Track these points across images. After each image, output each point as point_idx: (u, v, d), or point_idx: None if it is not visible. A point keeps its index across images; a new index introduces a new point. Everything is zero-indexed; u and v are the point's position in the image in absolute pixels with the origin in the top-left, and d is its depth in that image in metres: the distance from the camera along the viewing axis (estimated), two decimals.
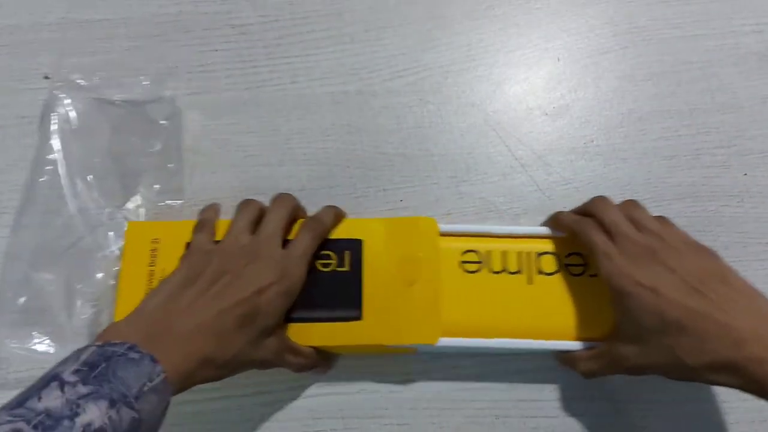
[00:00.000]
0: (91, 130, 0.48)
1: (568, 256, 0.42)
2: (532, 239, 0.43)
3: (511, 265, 0.42)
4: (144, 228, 0.44)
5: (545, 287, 0.42)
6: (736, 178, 0.51)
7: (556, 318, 0.41)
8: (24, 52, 0.53)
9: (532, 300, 0.41)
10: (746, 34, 0.56)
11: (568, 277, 0.42)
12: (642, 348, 0.36)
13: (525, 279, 0.42)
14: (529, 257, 0.43)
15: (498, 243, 0.43)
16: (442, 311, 0.41)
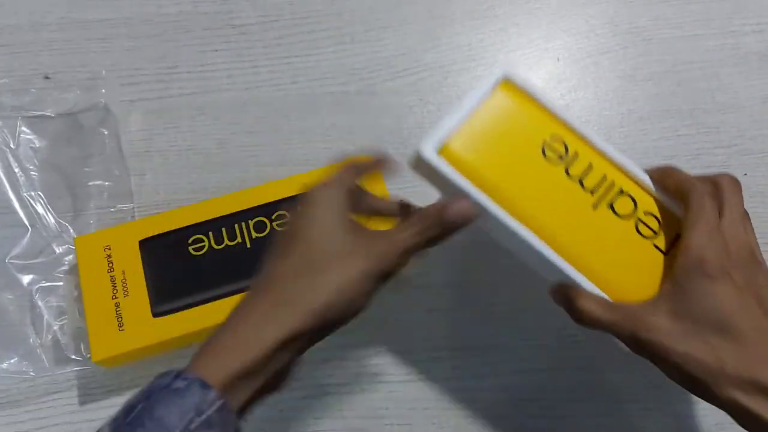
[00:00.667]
0: (30, 147, 0.48)
1: (647, 214, 0.37)
2: (624, 173, 0.38)
3: (589, 180, 0.37)
4: (92, 239, 0.44)
5: (605, 224, 0.37)
6: (737, 179, 0.51)
7: (593, 257, 0.36)
8: (24, 52, 0.53)
9: (583, 225, 0.37)
10: (746, 34, 0.56)
11: (632, 231, 0.37)
12: (684, 332, 0.32)
13: (592, 202, 0.37)
14: (611, 187, 0.38)
15: (590, 151, 0.38)
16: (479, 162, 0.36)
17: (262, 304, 0.30)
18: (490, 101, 0.37)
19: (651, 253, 0.37)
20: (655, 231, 0.37)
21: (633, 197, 0.38)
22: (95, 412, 0.43)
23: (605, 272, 0.36)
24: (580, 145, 0.38)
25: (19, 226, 0.46)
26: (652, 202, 0.38)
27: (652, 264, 0.36)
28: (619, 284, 0.36)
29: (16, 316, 0.44)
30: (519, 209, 0.35)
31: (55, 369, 0.43)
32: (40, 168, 0.48)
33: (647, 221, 0.37)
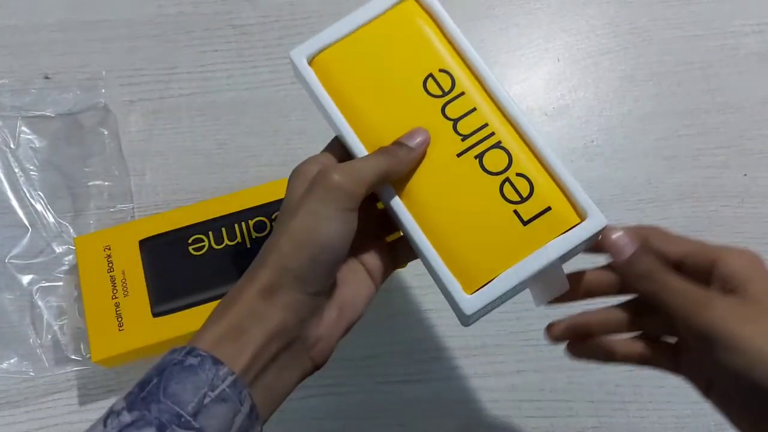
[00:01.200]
0: (30, 147, 0.49)
1: (519, 175, 0.32)
2: (513, 127, 0.33)
3: (465, 125, 0.33)
4: (92, 239, 0.44)
5: (465, 176, 0.32)
6: (736, 179, 0.51)
7: (440, 212, 0.32)
8: (24, 52, 0.53)
9: (439, 171, 0.32)
10: (746, 34, 0.56)
11: (495, 190, 0.32)
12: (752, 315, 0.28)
13: (458, 149, 0.32)
14: (488, 137, 0.32)
15: (480, 96, 0.33)
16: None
17: (246, 274, 0.30)
18: (386, 17, 0.34)
19: (508, 220, 0.31)
20: (522, 196, 0.32)
21: (510, 154, 0.32)
22: (95, 412, 0.43)
23: (450, 230, 0.31)
24: (470, 86, 0.33)
25: (19, 226, 0.46)
26: (532, 166, 0.32)
27: (506, 231, 0.31)
28: (464, 246, 0.31)
29: (16, 316, 0.44)
30: (373, 138, 0.32)
31: (54, 369, 0.43)
32: (40, 168, 0.48)
33: (517, 183, 0.32)
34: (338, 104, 0.33)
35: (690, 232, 0.41)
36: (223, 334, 0.28)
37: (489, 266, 0.31)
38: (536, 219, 0.31)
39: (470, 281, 0.31)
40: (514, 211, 0.31)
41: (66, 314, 0.45)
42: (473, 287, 0.31)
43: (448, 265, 0.31)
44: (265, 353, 0.28)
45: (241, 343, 0.28)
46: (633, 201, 0.50)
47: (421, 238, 0.31)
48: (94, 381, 0.44)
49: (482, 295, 0.31)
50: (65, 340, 0.44)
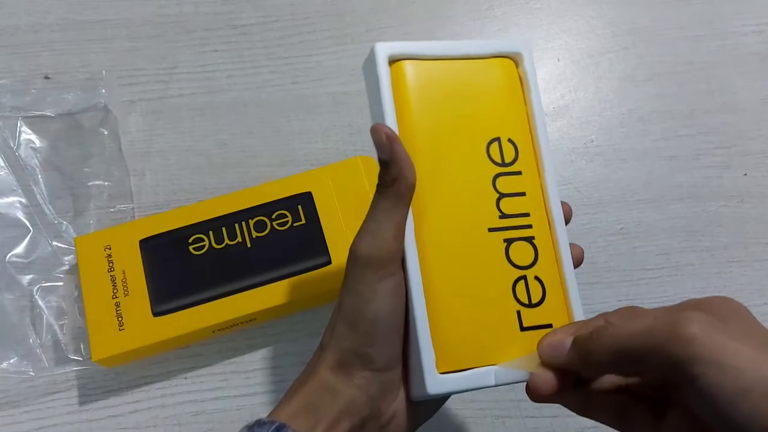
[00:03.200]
0: (30, 147, 0.48)
1: (536, 279, 0.31)
2: (549, 226, 0.32)
3: (508, 204, 0.32)
4: (92, 239, 0.44)
5: (486, 254, 0.31)
6: (737, 179, 0.51)
7: (446, 279, 0.31)
8: (24, 52, 0.53)
9: (462, 237, 0.31)
10: (747, 34, 0.56)
11: (508, 284, 0.31)
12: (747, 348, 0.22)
13: (491, 225, 0.31)
14: (524, 228, 0.31)
15: (532, 175, 0.32)
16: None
17: (315, 353, 0.32)
18: (488, 62, 0.32)
19: (508, 318, 0.30)
20: (531, 301, 0.31)
21: (538, 254, 0.31)
22: (95, 412, 0.43)
23: (448, 299, 0.30)
24: (529, 169, 0.32)
25: (19, 226, 0.46)
26: (552, 276, 0.31)
27: (502, 328, 0.30)
28: (456, 322, 0.29)
29: (16, 316, 0.44)
30: (416, 165, 0.30)
31: (54, 369, 0.43)
32: (40, 168, 0.48)
33: (531, 286, 0.31)
34: (398, 118, 0.31)
35: (690, 233, 0.42)
36: (298, 410, 0.29)
37: (472, 354, 0.30)
38: (534, 330, 0.30)
39: (446, 360, 0.29)
40: (517, 312, 0.30)
41: (66, 314, 0.44)
42: (446, 367, 0.29)
43: (432, 333, 0.29)
44: (337, 429, 0.29)
45: (314, 420, 0.28)
46: (633, 201, 0.50)
47: (418, 293, 0.30)
48: (95, 381, 0.44)
49: (452, 379, 0.29)
50: (65, 340, 0.44)
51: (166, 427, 0.43)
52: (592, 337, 0.26)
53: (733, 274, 0.49)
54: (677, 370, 0.23)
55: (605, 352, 0.25)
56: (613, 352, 0.25)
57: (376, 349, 0.29)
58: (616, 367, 0.26)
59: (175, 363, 0.44)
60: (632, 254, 0.49)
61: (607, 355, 0.25)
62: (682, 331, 0.23)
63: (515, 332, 0.30)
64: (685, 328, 0.23)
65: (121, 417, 0.43)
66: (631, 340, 0.24)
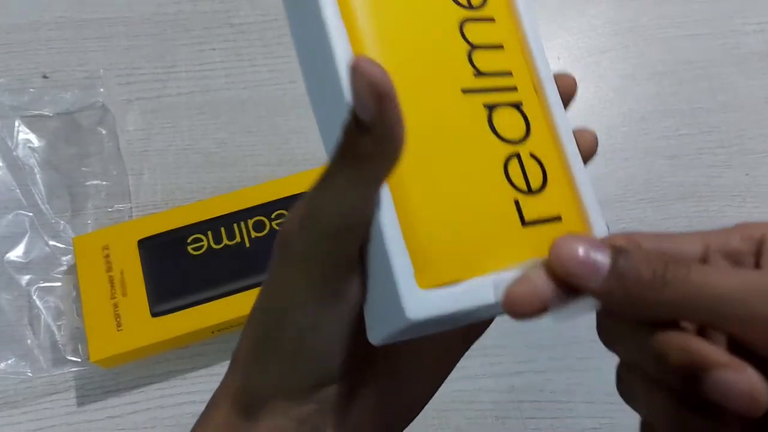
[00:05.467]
0: (27, 146, 0.48)
1: (532, 156, 0.23)
2: (539, 94, 0.24)
3: (484, 59, 0.23)
4: (90, 239, 0.44)
5: (464, 125, 0.22)
6: (738, 178, 0.51)
7: (420, 162, 0.21)
8: (22, 51, 0.52)
9: (433, 105, 0.22)
10: (748, 33, 0.56)
11: (499, 163, 0.22)
12: None
13: (466, 85, 0.23)
14: (509, 90, 0.24)
15: (511, 29, 0.25)
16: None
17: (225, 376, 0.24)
18: None
19: (504, 209, 0.22)
20: (530, 187, 0.23)
21: (529, 124, 0.23)
22: (93, 413, 0.43)
23: (421, 192, 0.21)
24: (504, 18, 0.24)
25: (16, 226, 0.46)
26: (552, 154, 0.24)
27: (498, 223, 0.22)
28: (436, 220, 0.21)
29: (14, 317, 0.44)
30: (364, 26, 0.22)
31: (53, 369, 0.43)
32: (37, 167, 0.48)
33: (528, 166, 0.23)
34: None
35: None
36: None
37: (461, 261, 0.21)
38: (539, 224, 0.22)
39: (428, 271, 0.20)
40: (515, 202, 0.22)
41: (64, 314, 0.44)
42: (428, 281, 0.20)
43: (405, 236, 0.20)
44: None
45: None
46: (634, 200, 0.50)
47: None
48: (93, 381, 0.44)
49: (439, 296, 0.20)
50: (63, 341, 0.43)
51: (165, 428, 0.43)
52: (654, 277, 0.18)
53: None
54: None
55: (678, 304, 0.18)
56: (693, 307, 0.18)
57: (304, 378, 0.21)
58: (685, 319, 0.19)
59: (174, 363, 0.44)
60: None
61: (679, 308, 0.18)
62: None
63: (516, 228, 0.22)
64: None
65: (120, 418, 0.43)
66: (730, 302, 0.17)
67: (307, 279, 0.20)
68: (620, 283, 0.18)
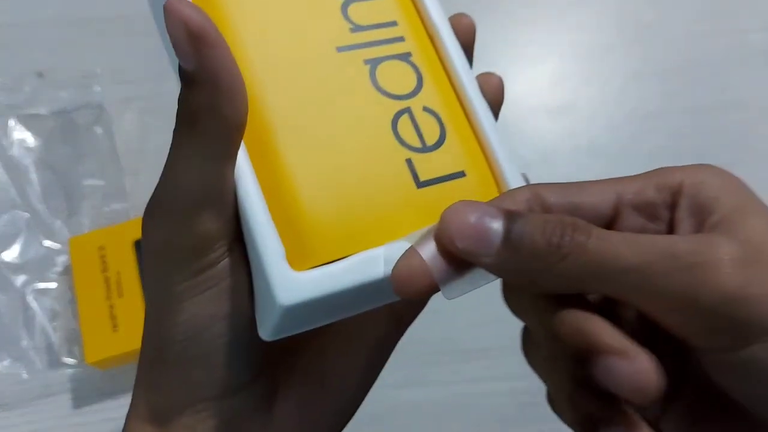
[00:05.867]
0: (23, 146, 0.48)
1: (426, 110, 0.21)
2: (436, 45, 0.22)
3: (360, 12, 0.21)
4: (86, 240, 0.44)
5: (342, 83, 0.20)
6: (744, 178, 0.50)
7: (294, 131, 0.19)
8: (18, 49, 0.52)
9: (303, 66, 0.20)
10: (753, 32, 0.55)
11: (386, 122, 0.20)
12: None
13: (337, 40, 0.21)
14: (394, 43, 0.21)
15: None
16: None
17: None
18: None
19: (395, 172, 0.20)
20: (425, 143, 0.20)
21: (421, 76, 0.21)
22: (89, 415, 0.43)
23: (291, 162, 0.19)
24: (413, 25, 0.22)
25: (12, 226, 0.46)
26: (448, 105, 0.21)
27: (388, 189, 0.19)
28: (309, 193, 0.19)
29: (9, 318, 0.44)
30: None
31: (48, 371, 0.43)
32: (33, 167, 0.48)
33: (421, 121, 0.21)
34: None
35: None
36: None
37: (346, 235, 0.19)
38: (438, 183, 0.20)
39: (304, 252, 0.18)
40: (407, 162, 0.20)
41: (60, 316, 0.44)
42: (307, 262, 0.18)
43: (274, 215, 0.18)
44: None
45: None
46: None
47: (242, 159, 0.19)
48: (89, 383, 0.43)
49: (318, 277, 0.18)
50: (59, 342, 0.43)
51: None
52: (551, 248, 0.16)
53: None
54: (711, 333, 0.16)
55: (577, 277, 0.16)
56: (588, 281, 0.16)
57: (208, 387, 0.19)
58: (587, 291, 0.18)
59: None
60: None
61: (579, 281, 0.16)
62: (722, 281, 0.15)
63: (410, 191, 0.20)
64: (725, 274, 0.15)
65: (116, 420, 0.43)
66: (631, 274, 0.16)
67: (172, 270, 0.18)
68: (514, 255, 0.16)
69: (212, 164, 0.17)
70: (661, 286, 0.16)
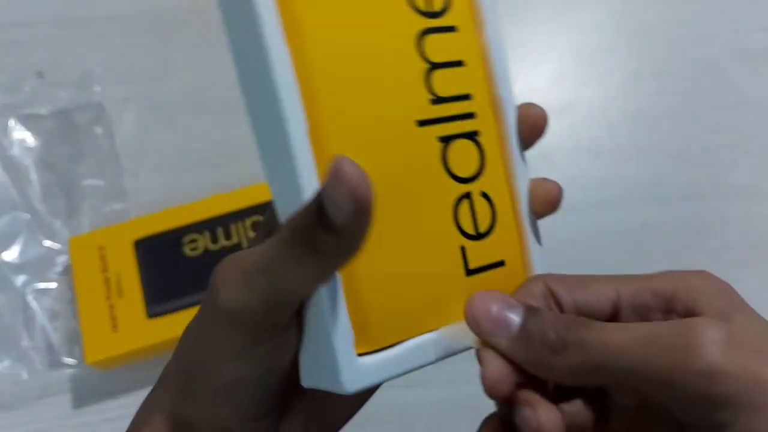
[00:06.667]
0: (23, 146, 0.48)
1: (483, 195, 0.22)
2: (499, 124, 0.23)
3: (443, 81, 0.21)
4: (86, 240, 0.44)
5: (414, 161, 0.20)
6: (744, 178, 0.50)
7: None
8: (17, 49, 0.52)
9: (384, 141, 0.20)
10: (754, 32, 0.55)
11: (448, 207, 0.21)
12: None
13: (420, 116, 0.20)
14: (466, 119, 0.21)
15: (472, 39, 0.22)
16: None
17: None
18: None
19: (450, 259, 0.21)
20: (478, 231, 0.21)
21: (484, 158, 0.22)
22: (89, 415, 0.43)
23: (371, 258, 0.19)
24: (466, 27, 0.22)
25: (12, 226, 0.46)
26: (503, 190, 0.22)
27: (441, 274, 0.21)
28: (375, 275, 0.19)
29: (9, 318, 0.44)
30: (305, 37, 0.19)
31: (48, 371, 0.43)
32: (33, 167, 0.48)
33: (477, 207, 0.21)
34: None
35: (697, 233, 0.41)
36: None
37: (401, 320, 0.20)
38: (482, 272, 0.21)
39: (368, 335, 0.19)
40: (461, 249, 0.21)
41: (60, 316, 0.44)
42: (365, 346, 0.19)
43: (346, 300, 0.19)
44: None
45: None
46: (638, 200, 0.50)
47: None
48: (89, 383, 0.43)
49: (377, 363, 0.20)
50: (59, 342, 0.43)
51: None
52: (558, 339, 0.19)
53: (740, 275, 0.48)
54: (694, 409, 0.18)
55: (576, 366, 0.19)
56: (590, 368, 0.19)
57: (229, 417, 0.21)
58: (587, 383, 0.20)
59: None
60: (638, 254, 0.48)
61: (579, 371, 0.19)
62: (701, 360, 0.17)
63: (459, 279, 0.21)
64: (705, 353, 0.17)
65: (116, 420, 0.42)
66: (623, 357, 0.18)
67: (237, 341, 0.19)
68: (527, 343, 0.19)
69: (316, 283, 0.19)
70: (648, 366, 0.18)
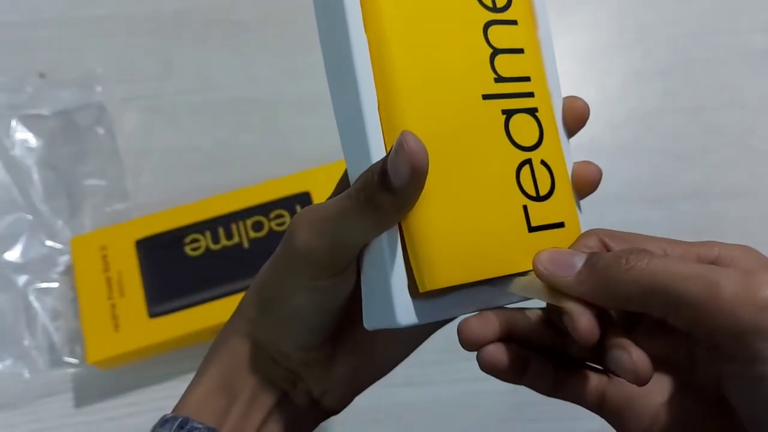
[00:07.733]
0: (25, 146, 0.48)
1: (543, 163, 0.24)
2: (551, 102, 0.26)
3: (505, 64, 0.24)
4: (88, 240, 0.44)
5: (480, 128, 0.23)
6: (744, 178, 0.50)
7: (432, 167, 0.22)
8: (19, 49, 0.52)
9: (452, 111, 0.23)
10: (754, 32, 0.55)
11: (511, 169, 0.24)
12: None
13: (483, 87, 0.24)
14: (526, 98, 0.25)
15: (530, 33, 0.26)
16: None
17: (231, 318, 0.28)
18: None
19: (513, 215, 0.23)
20: (539, 193, 0.24)
21: (543, 131, 0.25)
22: (91, 414, 0.43)
23: (436, 201, 0.22)
24: (525, 21, 0.25)
25: (14, 226, 0.46)
26: (558, 161, 0.25)
27: (504, 228, 0.23)
28: (438, 220, 0.22)
29: (11, 318, 0.44)
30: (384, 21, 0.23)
31: (50, 371, 0.43)
32: (35, 167, 0.48)
33: (538, 173, 0.24)
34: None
35: (697, 233, 0.41)
36: (207, 393, 0.26)
37: (464, 265, 0.22)
38: (543, 230, 0.24)
39: (428, 275, 0.22)
40: (524, 208, 0.23)
41: (61, 315, 0.44)
42: (428, 285, 0.22)
43: (409, 239, 0.22)
44: (253, 410, 0.26)
45: (227, 402, 0.26)
46: (638, 200, 0.50)
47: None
48: (90, 383, 0.43)
49: (434, 304, 0.23)
50: (61, 342, 0.43)
51: None
52: (620, 263, 0.20)
53: None
54: (738, 342, 0.19)
55: (638, 288, 0.20)
56: (650, 290, 0.20)
57: (290, 342, 0.26)
58: (643, 308, 0.21)
59: (172, 365, 0.44)
60: None
61: (639, 293, 0.20)
62: (760, 297, 0.18)
63: (522, 234, 0.23)
64: (764, 293, 0.18)
65: (118, 420, 0.43)
66: (684, 285, 0.19)
67: (305, 275, 0.24)
68: (591, 271, 0.21)
69: (375, 233, 0.22)
70: (710, 293, 0.19)
